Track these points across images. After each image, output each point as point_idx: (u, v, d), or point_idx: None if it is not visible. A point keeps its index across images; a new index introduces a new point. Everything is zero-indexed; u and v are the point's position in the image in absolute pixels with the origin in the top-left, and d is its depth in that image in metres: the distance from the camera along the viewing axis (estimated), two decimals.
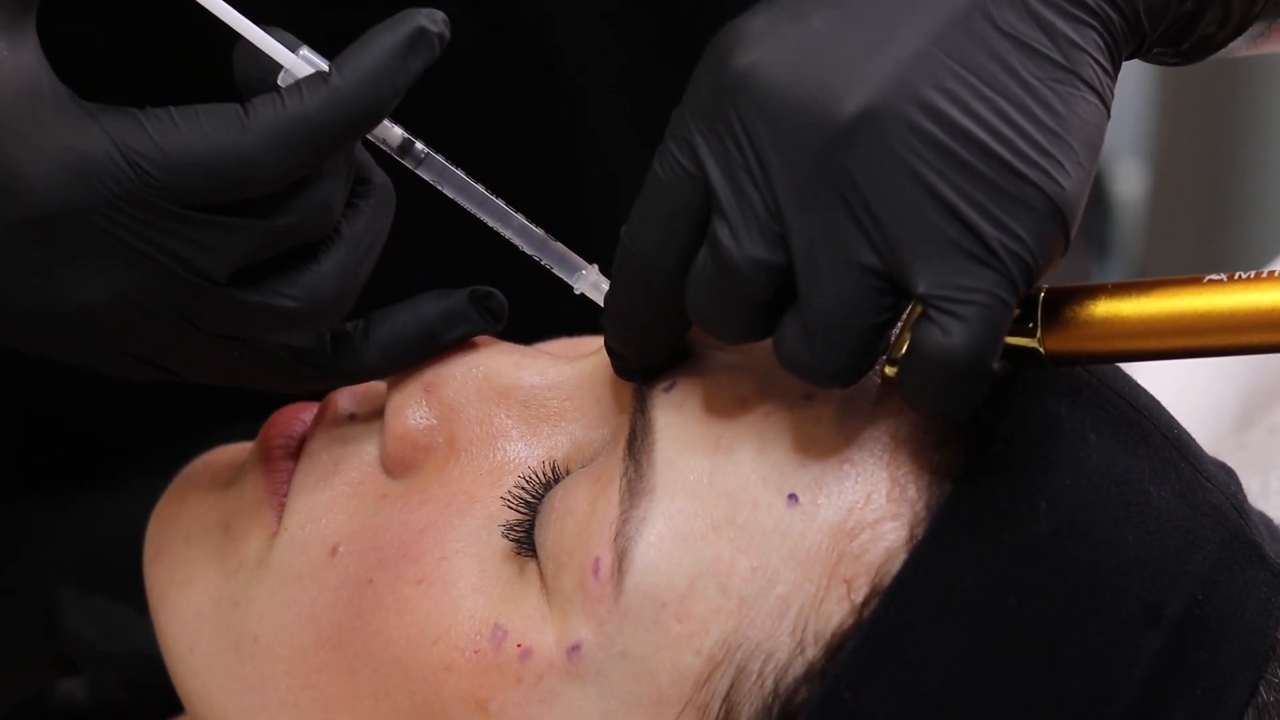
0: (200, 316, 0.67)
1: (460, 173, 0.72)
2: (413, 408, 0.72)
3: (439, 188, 0.72)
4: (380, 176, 0.70)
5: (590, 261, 0.73)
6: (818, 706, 0.65)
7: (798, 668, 0.65)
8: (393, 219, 0.71)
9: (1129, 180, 2.23)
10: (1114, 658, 0.65)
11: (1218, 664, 0.66)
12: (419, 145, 0.71)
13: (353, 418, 0.74)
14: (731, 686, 0.65)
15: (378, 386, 0.75)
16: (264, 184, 0.65)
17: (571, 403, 0.72)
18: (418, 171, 0.71)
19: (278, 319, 0.68)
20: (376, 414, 0.74)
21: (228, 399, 1.00)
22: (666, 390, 0.68)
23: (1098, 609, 0.65)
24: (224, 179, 0.65)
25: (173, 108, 0.65)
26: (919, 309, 0.63)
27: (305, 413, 0.76)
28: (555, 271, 0.73)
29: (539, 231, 0.72)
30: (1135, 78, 2.16)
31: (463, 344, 0.73)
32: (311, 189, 0.66)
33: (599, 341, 0.77)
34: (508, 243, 0.73)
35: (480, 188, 0.72)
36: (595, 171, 0.98)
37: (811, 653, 0.65)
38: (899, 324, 0.67)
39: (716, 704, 0.65)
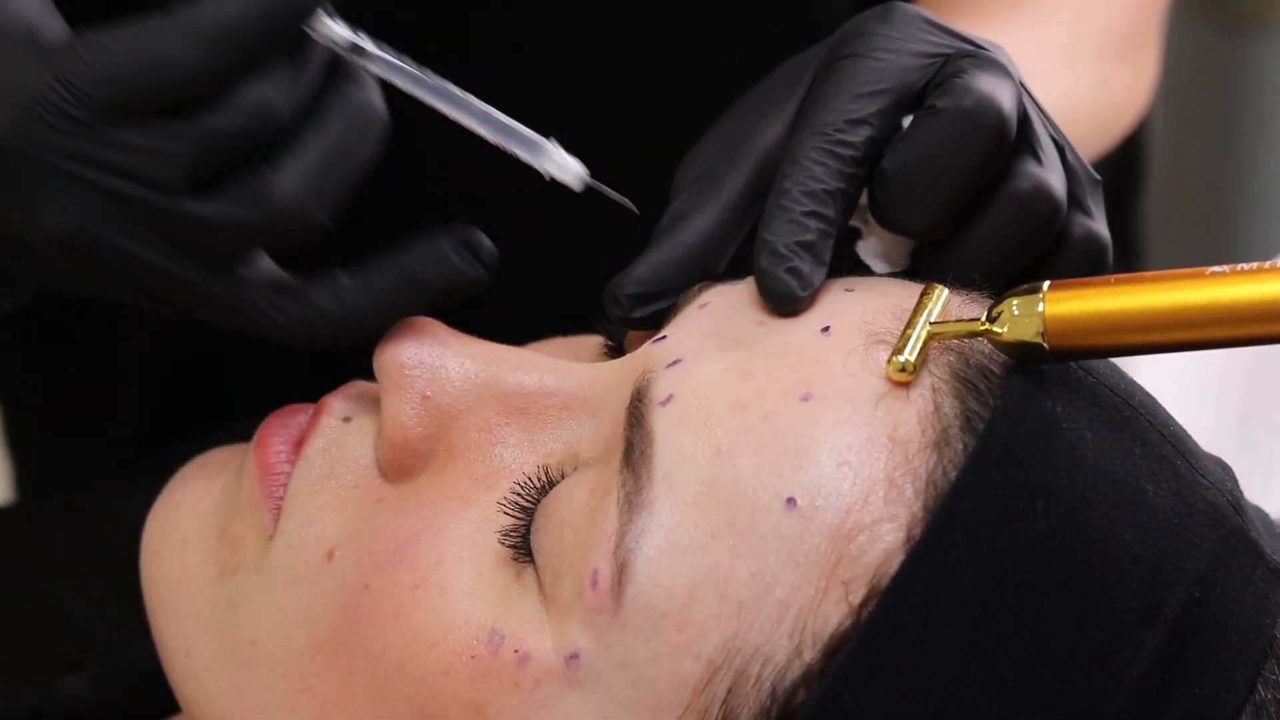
0: (167, 234, 0.68)
1: (412, 67, 0.72)
2: (411, 415, 0.71)
3: (394, 83, 0.71)
4: (362, 94, 0.70)
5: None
6: (816, 708, 0.64)
7: (796, 670, 0.65)
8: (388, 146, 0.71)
9: (1145, 190, 2.23)
10: (1112, 656, 0.65)
11: (1215, 662, 0.66)
12: (366, 41, 0.71)
13: (347, 421, 0.74)
14: (730, 691, 0.65)
15: (372, 388, 0.74)
16: (192, 84, 0.67)
17: (569, 409, 0.71)
18: (369, 68, 0.71)
19: (236, 230, 0.69)
20: (372, 417, 0.74)
21: (227, 398, 1.00)
22: (664, 404, 0.68)
23: (1095, 607, 0.65)
24: (151, 83, 0.67)
25: (103, 27, 0.68)
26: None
27: (301, 415, 0.75)
28: (521, 157, 0.72)
29: (500, 116, 0.72)
30: None
31: (466, 347, 0.73)
32: (247, 88, 0.68)
33: (594, 341, 0.77)
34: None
35: (437, 79, 0.72)
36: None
37: (809, 655, 0.65)
38: (914, 327, 0.67)
39: (715, 708, 0.65)
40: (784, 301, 0.70)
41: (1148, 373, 0.78)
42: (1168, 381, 0.86)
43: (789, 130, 0.74)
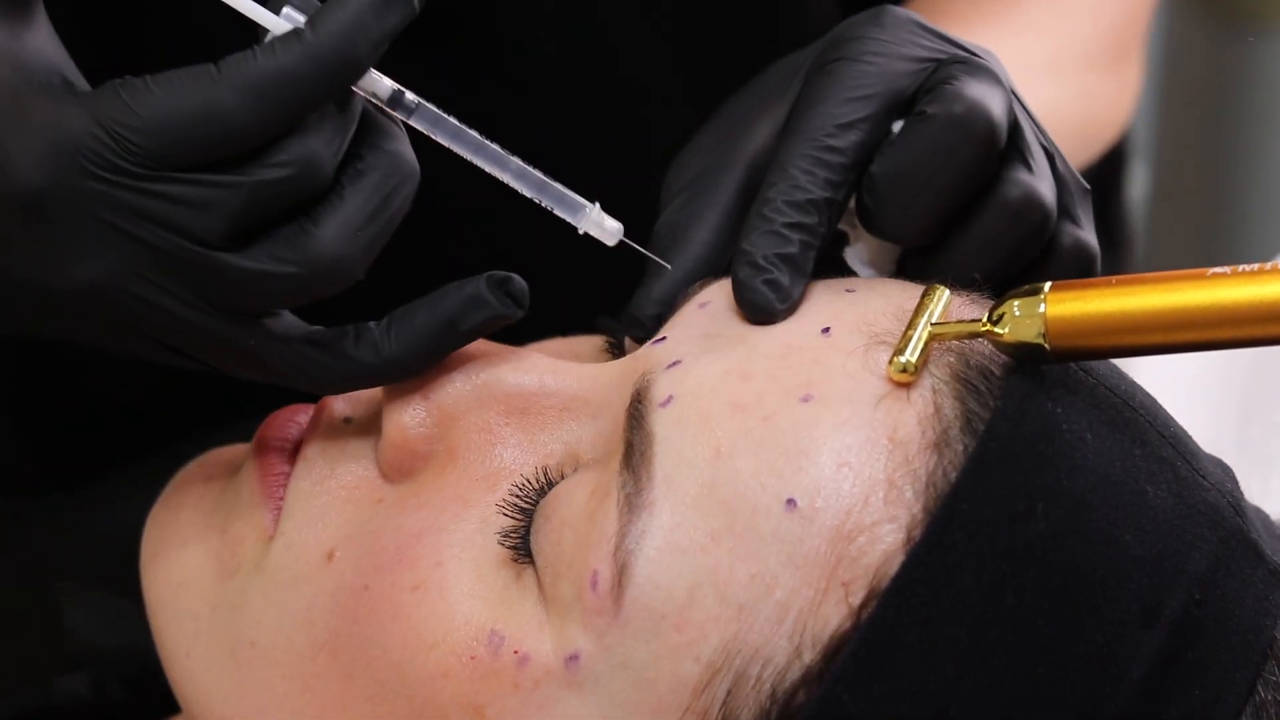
0: (202, 288, 0.67)
1: (454, 120, 0.71)
2: (412, 416, 0.71)
3: (433, 136, 0.71)
4: (398, 147, 0.69)
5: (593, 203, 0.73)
6: (816, 710, 0.65)
7: (795, 672, 0.65)
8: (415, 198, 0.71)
9: (1129, 180, 2.23)
10: (1112, 658, 0.65)
11: (1215, 663, 0.66)
12: (409, 95, 0.70)
13: (348, 421, 0.74)
14: (730, 692, 0.65)
15: (374, 391, 0.74)
16: (241, 138, 0.66)
17: (570, 409, 0.71)
18: (410, 122, 0.71)
19: (276, 285, 0.67)
20: (372, 417, 0.74)
21: (227, 398, 1.00)
22: (664, 405, 0.68)
23: (1095, 609, 0.65)
24: (201, 136, 0.65)
25: (148, 75, 0.66)
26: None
27: (301, 415, 0.75)
28: (557, 213, 0.72)
29: (537, 174, 0.72)
30: None
31: (467, 347, 0.73)
32: (294, 142, 0.66)
33: (595, 341, 0.77)
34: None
35: (474, 134, 0.72)
36: (649, 133, 0.99)
37: (809, 656, 0.65)
38: (915, 328, 0.67)
39: (715, 710, 0.65)
40: (760, 314, 0.70)
41: (1148, 373, 0.78)
42: (1168, 382, 0.86)
43: (779, 133, 0.74)
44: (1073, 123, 0.77)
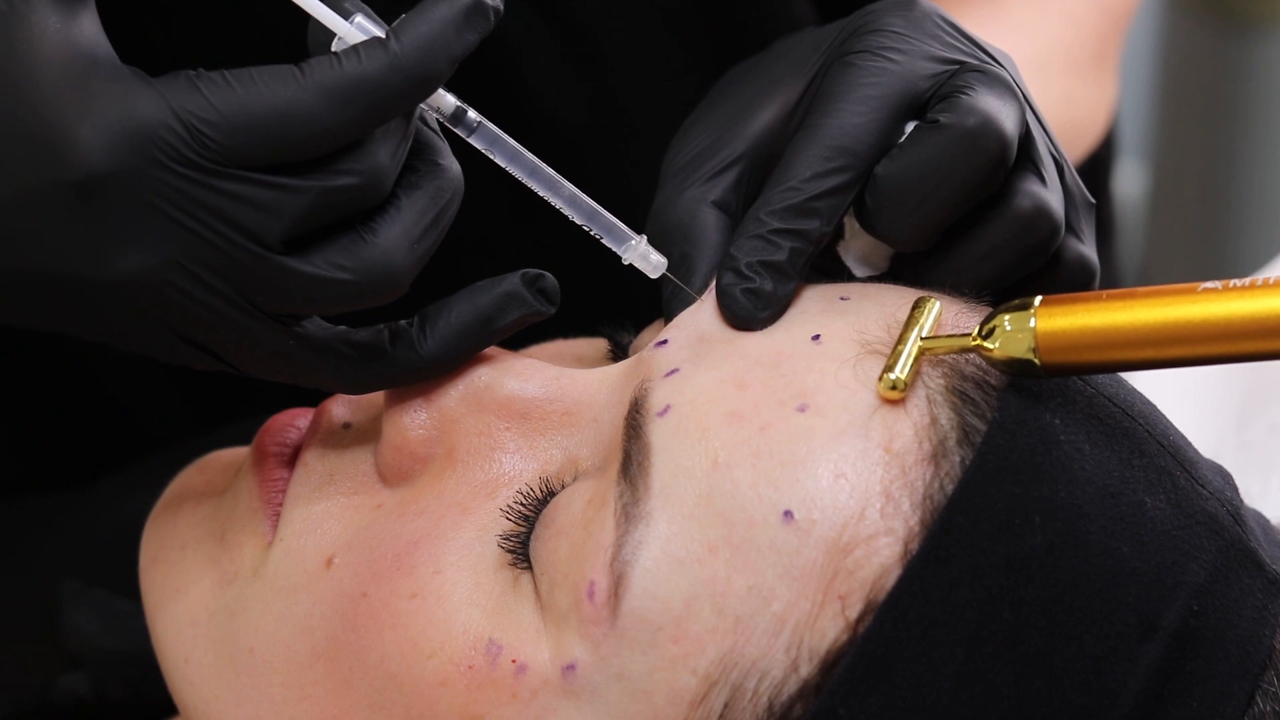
0: (252, 288, 0.66)
1: (512, 141, 0.71)
2: (411, 418, 0.71)
3: (491, 156, 0.71)
4: (449, 162, 0.69)
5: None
6: None
7: (792, 685, 0.65)
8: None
9: (1129, 180, 2.23)
10: (1110, 670, 0.65)
11: (1214, 674, 0.66)
12: (471, 113, 0.70)
13: (347, 426, 0.74)
14: (727, 705, 0.65)
15: (374, 396, 0.74)
16: (322, 142, 0.65)
17: (571, 414, 0.71)
18: (470, 140, 0.71)
19: (331, 291, 0.67)
20: (371, 422, 0.74)
21: (227, 398, 1.00)
22: (661, 415, 0.68)
23: (1093, 621, 0.65)
24: (282, 137, 0.64)
25: (226, 71, 0.65)
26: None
27: (300, 419, 0.75)
28: (604, 242, 0.73)
29: (589, 201, 0.72)
30: (1135, 77, 2.16)
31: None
32: (365, 151, 0.66)
33: (595, 344, 0.77)
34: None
35: (531, 157, 0.71)
36: (644, 165, 0.99)
37: (806, 670, 0.65)
38: (905, 343, 0.67)
39: None
40: (740, 322, 0.70)
41: (1147, 375, 0.78)
42: (1169, 381, 0.86)
43: (788, 117, 0.74)
44: (1054, 127, 0.76)
